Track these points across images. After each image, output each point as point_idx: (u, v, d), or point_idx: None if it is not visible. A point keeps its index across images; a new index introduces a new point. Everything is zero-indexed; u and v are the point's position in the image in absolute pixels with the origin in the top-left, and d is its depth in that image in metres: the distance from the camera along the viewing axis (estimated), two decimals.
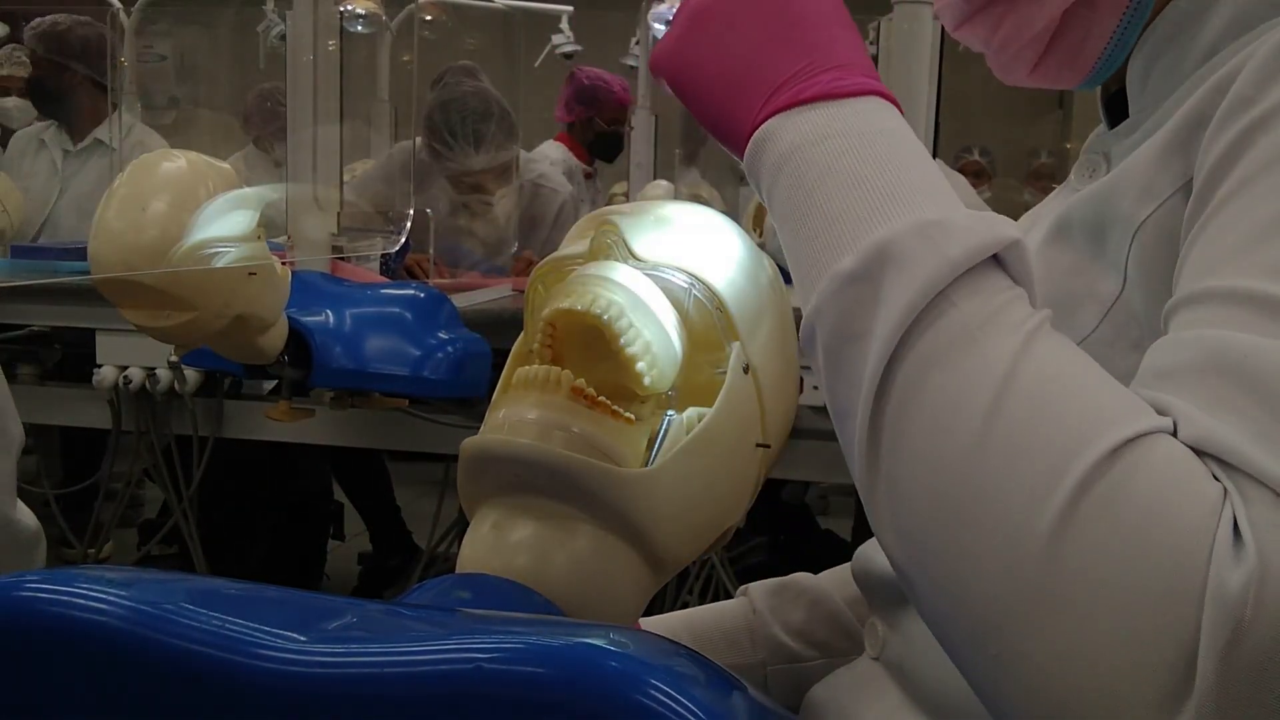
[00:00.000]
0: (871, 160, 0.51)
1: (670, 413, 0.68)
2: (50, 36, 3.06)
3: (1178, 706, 0.39)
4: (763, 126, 0.54)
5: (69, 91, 3.08)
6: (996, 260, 0.48)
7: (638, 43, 3.50)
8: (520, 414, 0.65)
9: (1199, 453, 0.43)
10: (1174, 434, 0.44)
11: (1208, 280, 0.48)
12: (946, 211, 0.48)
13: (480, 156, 2.57)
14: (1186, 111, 0.54)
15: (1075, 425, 0.43)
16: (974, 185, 4.12)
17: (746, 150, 0.55)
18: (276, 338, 1.32)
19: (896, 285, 0.46)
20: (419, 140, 2.61)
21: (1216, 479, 0.42)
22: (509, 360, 0.74)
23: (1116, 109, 0.67)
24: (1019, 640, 0.42)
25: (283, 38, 2.38)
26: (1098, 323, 0.57)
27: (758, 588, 0.86)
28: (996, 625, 0.43)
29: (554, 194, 2.87)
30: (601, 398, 0.66)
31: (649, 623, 0.83)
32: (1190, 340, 0.46)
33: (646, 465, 0.66)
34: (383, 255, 2.12)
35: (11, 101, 3.40)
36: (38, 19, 3.08)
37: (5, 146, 3.50)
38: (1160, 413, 0.45)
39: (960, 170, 4.14)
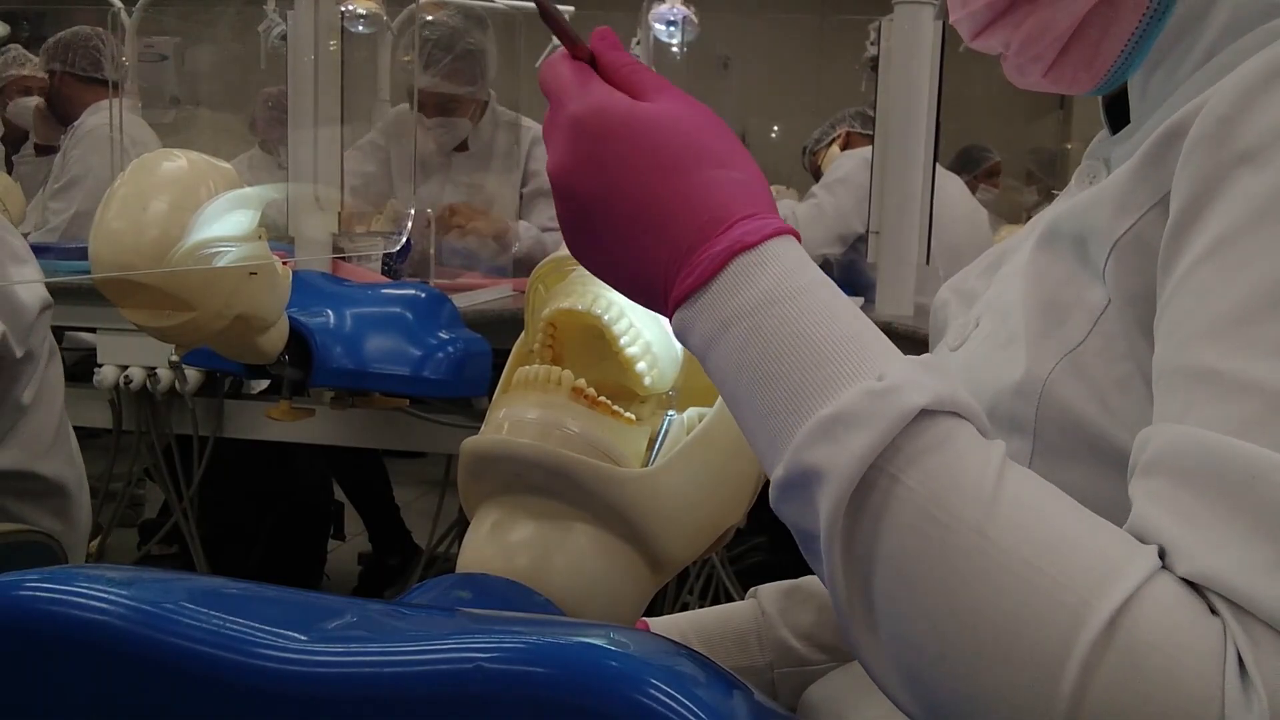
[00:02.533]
0: (771, 340, 0.49)
1: (671, 413, 0.68)
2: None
3: None
4: (674, 320, 0.52)
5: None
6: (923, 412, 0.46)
7: (638, 43, 3.50)
8: (520, 414, 0.65)
9: (1196, 586, 0.42)
10: (1163, 563, 0.43)
11: (1196, 352, 0.47)
12: (846, 394, 0.46)
13: (427, 75, 2.62)
14: (1166, 127, 0.54)
15: (1066, 598, 0.42)
16: (991, 186, 4.12)
17: (671, 325, 0.53)
18: (277, 338, 1.32)
19: (822, 497, 0.46)
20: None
21: (1215, 611, 0.42)
22: (509, 360, 0.74)
23: (1118, 114, 0.67)
24: None
25: (284, 38, 2.39)
26: (1087, 333, 0.56)
27: (767, 590, 0.86)
28: None
29: (526, 130, 2.91)
30: (602, 398, 0.66)
31: (656, 623, 0.83)
32: (1189, 442, 0.45)
33: (647, 465, 0.66)
34: (384, 255, 2.12)
35: (33, 101, 3.41)
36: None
37: (18, 149, 3.51)
38: (1146, 537, 0.44)
39: (987, 172, 4.14)
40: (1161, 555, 0.43)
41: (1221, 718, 0.39)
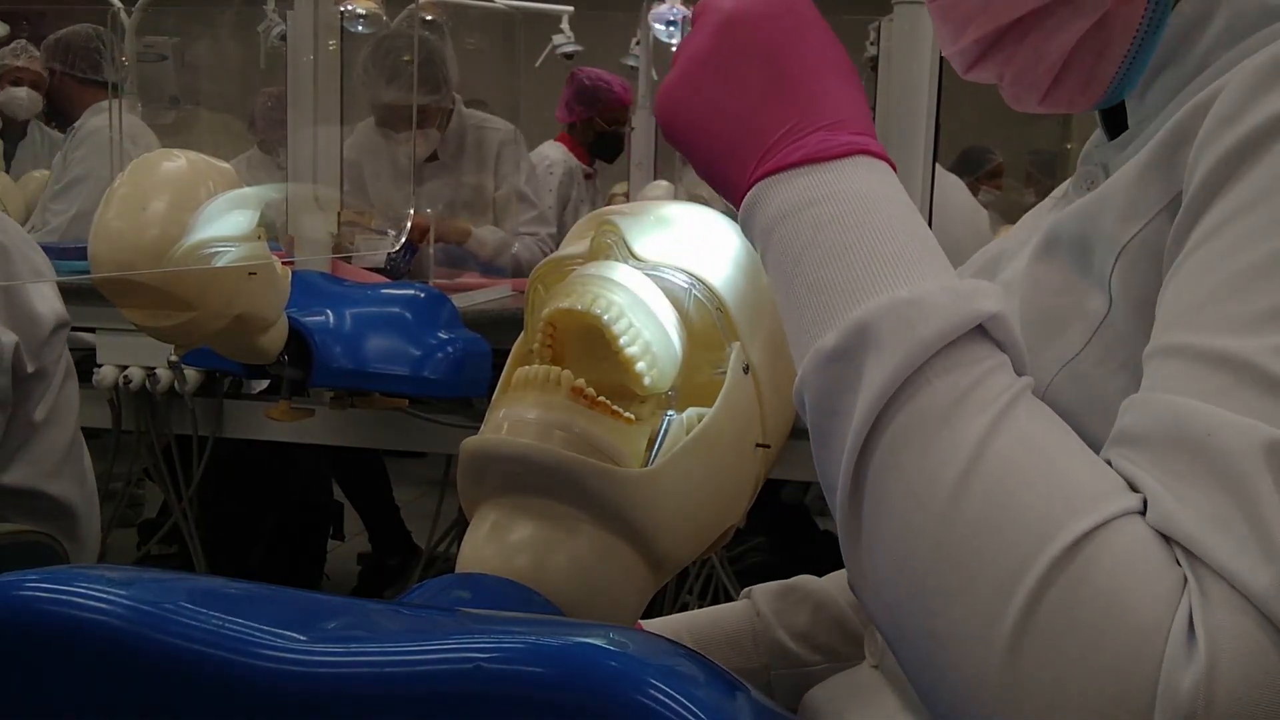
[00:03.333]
0: (854, 228, 0.51)
1: (670, 413, 0.68)
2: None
3: None
4: (751, 191, 0.54)
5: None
6: (979, 328, 0.48)
7: (638, 43, 3.50)
8: (520, 414, 0.65)
9: (1166, 537, 0.43)
10: (1144, 511, 0.44)
11: (1180, 331, 0.48)
12: (925, 286, 0.49)
13: (390, 90, 2.62)
14: (1171, 129, 0.54)
15: (1040, 514, 0.43)
16: (993, 187, 4.12)
17: (740, 212, 0.56)
18: (276, 338, 1.32)
19: (874, 366, 0.47)
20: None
21: (1180, 564, 0.42)
22: (509, 360, 0.74)
23: (1114, 119, 0.67)
24: None
25: (284, 38, 2.39)
26: (1085, 342, 0.56)
27: (762, 590, 0.86)
28: (962, 714, 0.44)
29: (494, 132, 2.91)
30: (601, 398, 0.66)
31: (650, 624, 0.83)
32: (1158, 406, 0.46)
33: (646, 465, 0.66)
34: (389, 255, 2.12)
35: (23, 92, 3.41)
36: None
37: (5, 139, 3.52)
38: (1132, 486, 0.45)
39: (989, 173, 4.14)
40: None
41: (1160, 665, 0.40)
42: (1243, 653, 0.40)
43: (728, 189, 0.57)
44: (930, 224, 2.21)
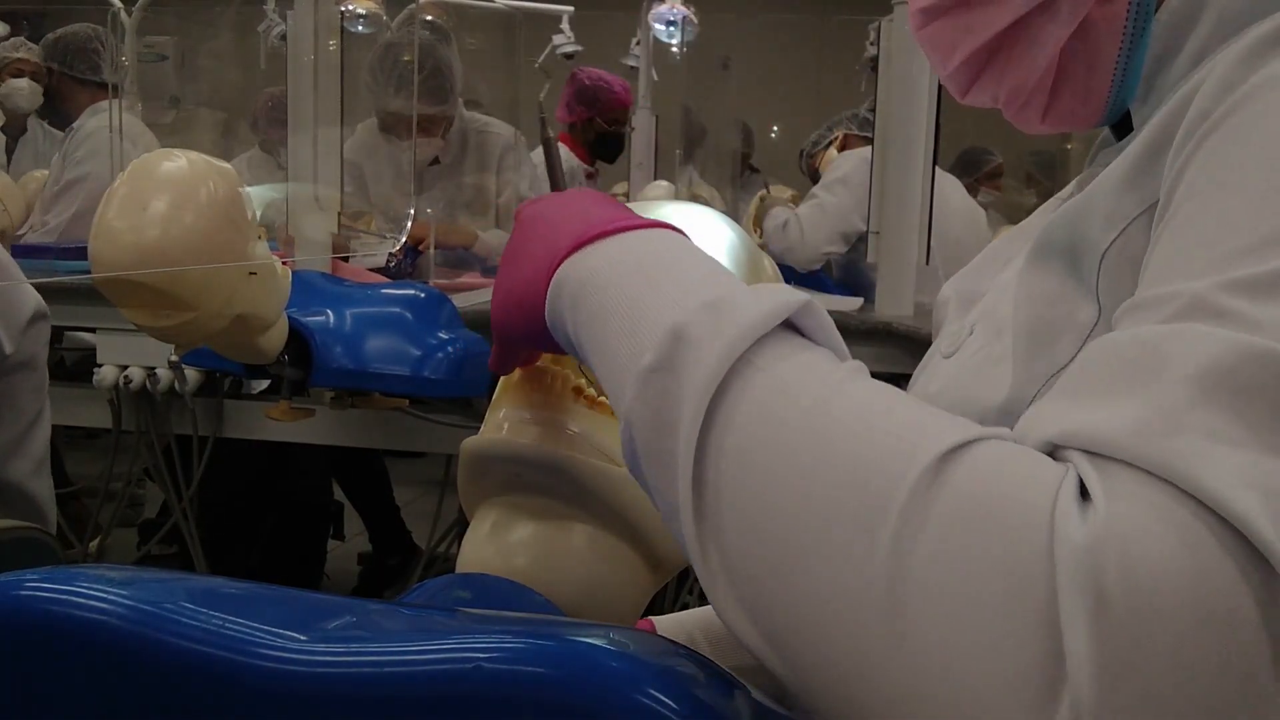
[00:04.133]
0: (657, 266, 0.52)
1: None
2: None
3: (1054, 700, 0.36)
4: (550, 286, 0.56)
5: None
6: (792, 327, 0.48)
7: (638, 43, 3.50)
8: (520, 414, 0.65)
9: (1053, 454, 0.41)
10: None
11: (1135, 297, 0.47)
12: (731, 290, 0.49)
13: (397, 99, 2.64)
14: (1151, 129, 0.53)
15: (896, 446, 0.41)
16: (993, 188, 4.12)
17: (546, 314, 0.56)
18: (276, 338, 1.32)
19: (695, 363, 0.46)
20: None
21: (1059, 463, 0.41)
22: None
23: (1126, 125, 0.66)
24: (883, 680, 0.40)
25: (284, 38, 2.39)
26: (1074, 353, 0.55)
27: None
28: (858, 672, 0.41)
29: (497, 136, 2.92)
30: (602, 398, 0.66)
31: (661, 622, 0.83)
32: (1090, 346, 0.45)
33: None
34: (392, 256, 2.12)
35: (24, 83, 3.41)
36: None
37: (5, 135, 3.52)
38: (1024, 432, 0.43)
39: (988, 174, 4.14)
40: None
41: (1050, 526, 0.38)
42: (1138, 498, 0.38)
43: (534, 307, 0.57)
44: (930, 224, 2.20)
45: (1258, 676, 0.36)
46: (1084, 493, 0.39)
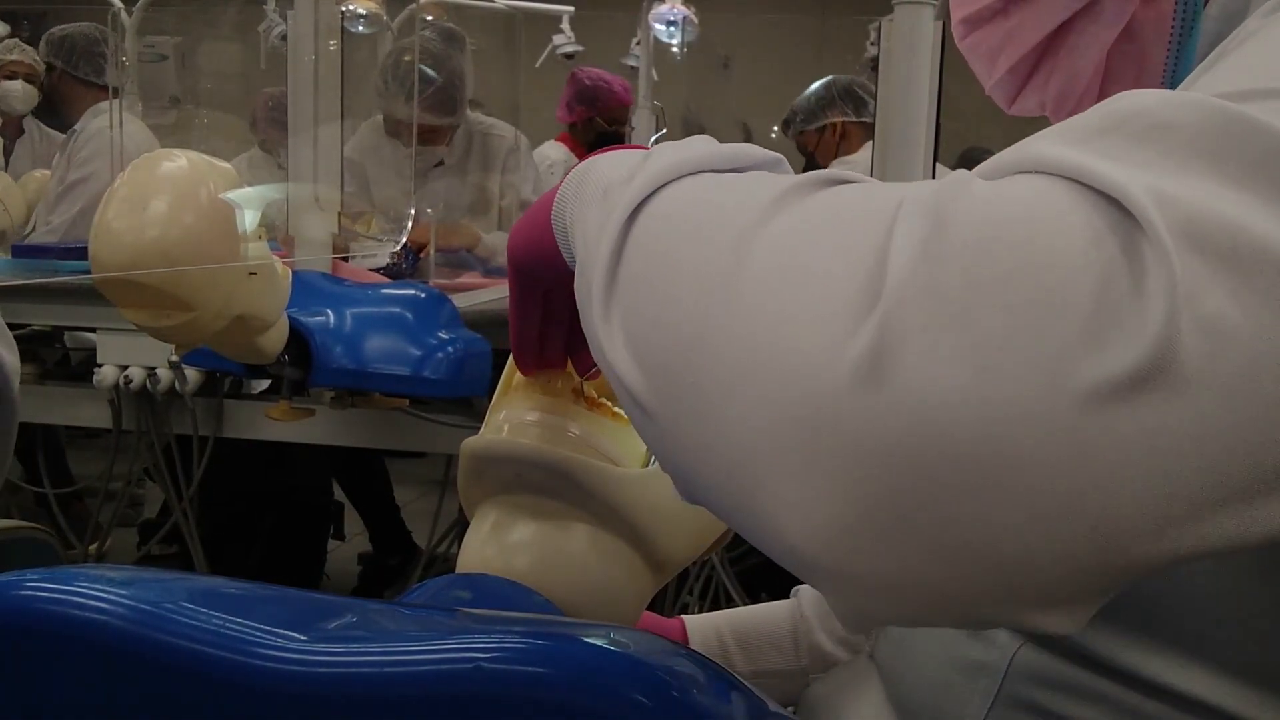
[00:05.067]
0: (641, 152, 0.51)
1: None
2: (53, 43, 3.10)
3: (865, 318, 0.35)
4: (559, 190, 0.55)
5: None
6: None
7: (638, 43, 3.50)
8: (520, 416, 0.66)
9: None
10: None
11: None
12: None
13: (406, 108, 2.64)
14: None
15: (774, 183, 0.41)
16: None
17: (553, 208, 0.55)
18: (276, 338, 1.32)
19: (649, 164, 0.46)
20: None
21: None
22: (509, 362, 0.74)
23: None
24: (720, 340, 0.38)
25: (284, 38, 2.39)
26: None
27: (808, 591, 0.84)
28: (699, 346, 0.39)
29: (501, 139, 2.93)
30: (602, 399, 0.66)
31: (692, 621, 0.83)
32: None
33: (648, 466, 0.66)
34: (393, 255, 2.12)
35: (18, 85, 3.41)
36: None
37: (3, 137, 3.52)
38: None
39: None
40: None
41: (899, 202, 0.37)
42: (1014, 182, 0.36)
43: (544, 221, 0.56)
44: None
45: (1070, 317, 0.33)
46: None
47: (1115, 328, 0.33)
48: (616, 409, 0.66)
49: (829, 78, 3.10)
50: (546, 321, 0.63)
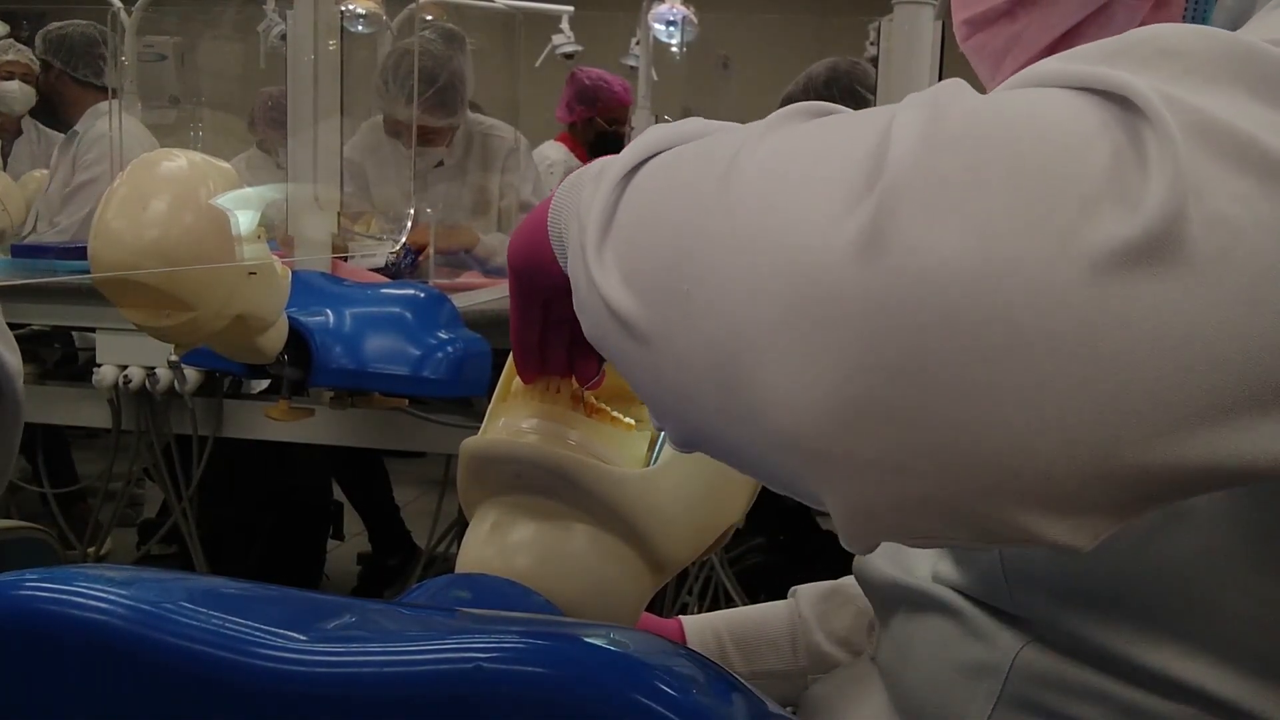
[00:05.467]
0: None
1: None
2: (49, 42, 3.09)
3: (865, 193, 0.34)
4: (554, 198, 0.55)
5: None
6: None
7: (638, 43, 3.50)
8: (519, 423, 0.66)
9: None
10: None
11: None
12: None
13: (407, 109, 2.64)
14: None
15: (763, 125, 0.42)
16: None
17: (549, 216, 0.55)
18: (276, 337, 1.32)
19: (644, 135, 0.47)
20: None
21: None
22: (508, 364, 0.74)
23: None
24: (718, 250, 0.38)
25: (283, 37, 2.39)
26: None
27: (806, 591, 0.85)
28: (700, 260, 0.38)
29: (501, 139, 2.93)
30: (602, 406, 0.66)
31: (690, 622, 0.83)
32: None
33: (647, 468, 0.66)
34: (392, 255, 2.12)
35: (14, 85, 3.41)
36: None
37: (11, 141, 3.52)
38: None
39: None
40: None
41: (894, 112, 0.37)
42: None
43: (540, 228, 0.57)
44: None
45: (1076, 188, 0.32)
46: None
47: (1120, 199, 0.32)
48: (616, 414, 0.66)
49: (829, 67, 3.03)
50: (548, 328, 0.63)
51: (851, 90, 2.98)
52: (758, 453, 0.38)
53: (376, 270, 2.03)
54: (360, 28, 2.85)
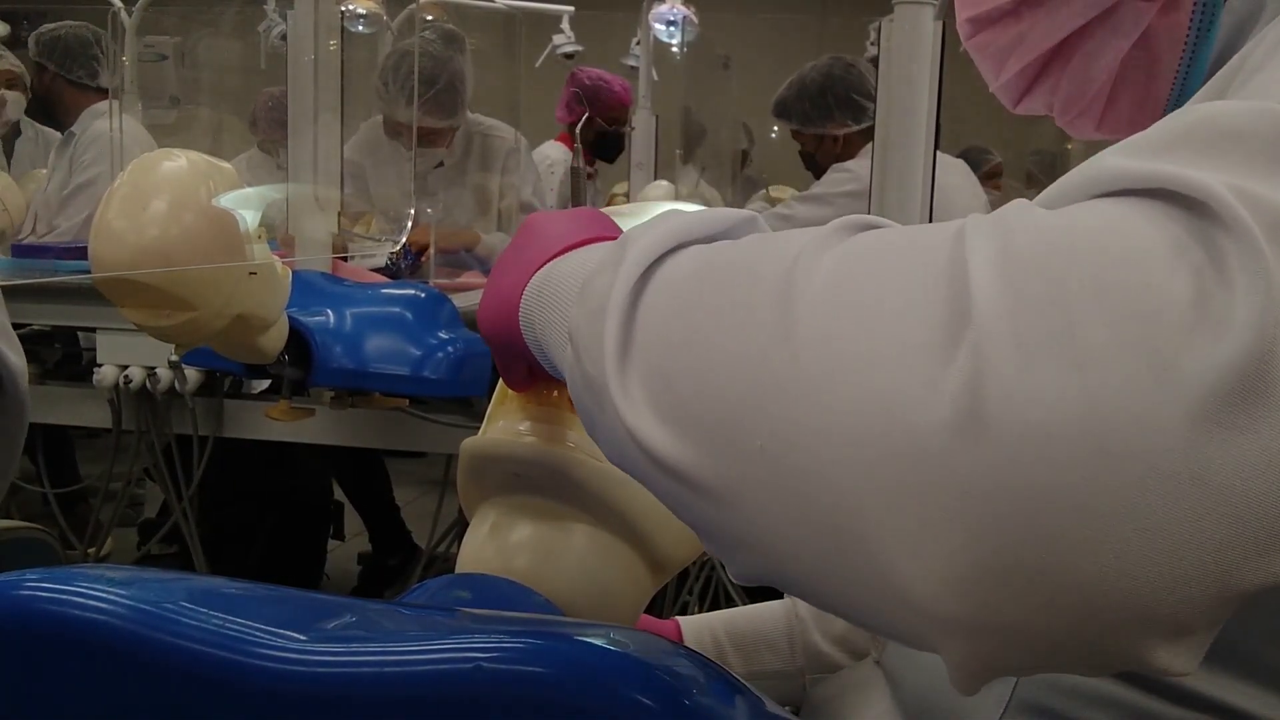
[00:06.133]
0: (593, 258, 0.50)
1: None
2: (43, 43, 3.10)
3: (955, 346, 0.33)
4: (526, 286, 0.55)
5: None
6: None
7: (638, 43, 3.50)
8: (518, 422, 0.66)
9: None
10: None
11: None
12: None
13: (407, 110, 2.64)
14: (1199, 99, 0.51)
15: (798, 240, 0.40)
16: (992, 187, 4.11)
17: (520, 308, 0.55)
18: (276, 337, 1.32)
19: (633, 251, 0.44)
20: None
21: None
22: None
23: None
24: (785, 402, 0.36)
25: (284, 37, 2.39)
26: None
27: None
28: (761, 404, 0.37)
29: (501, 140, 2.93)
30: None
31: (687, 622, 0.83)
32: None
33: None
34: (392, 255, 2.12)
35: (12, 95, 3.40)
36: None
37: (11, 142, 3.52)
38: None
39: (987, 173, 4.13)
40: None
41: (959, 235, 0.36)
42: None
43: (511, 315, 0.56)
44: (931, 216, 2.20)
45: (1167, 316, 0.32)
46: None
47: (1214, 321, 0.31)
48: None
49: (824, 74, 3.00)
50: (534, 374, 0.63)
51: (848, 99, 2.97)
52: (866, 608, 0.37)
53: (377, 270, 2.03)
54: (360, 28, 2.85)
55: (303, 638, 0.48)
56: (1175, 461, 0.31)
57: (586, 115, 3.71)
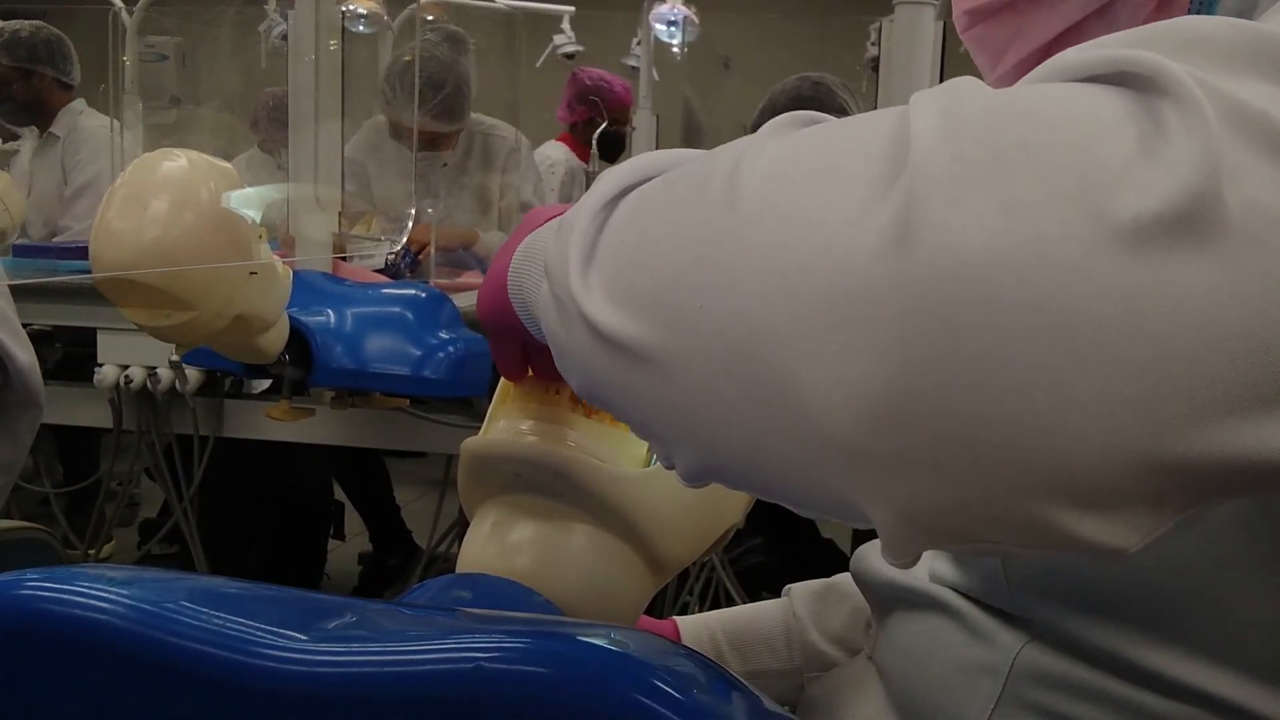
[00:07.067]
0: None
1: None
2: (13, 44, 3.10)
3: (891, 181, 0.33)
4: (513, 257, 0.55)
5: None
6: None
7: (639, 43, 3.50)
8: (519, 422, 0.66)
9: None
10: None
11: None
12: None
13: (411, 114, 2.65)
14: None
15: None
16: None
17: (509, 280, 0.55)
18: (277, 337, 1.32)
19: (603, 178, 0.45)
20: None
21: None
22: None
23: None
24: (727, 255, 0.37)
25: (284, 37, 2.39)
26: None
27: (800, 590, 0.84)
28: (707, 272, 0.37)
29: (502, 140, 2.93)
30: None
31: (685, 622, 0.83)
32: None
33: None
34: (391, 256, 2.12)
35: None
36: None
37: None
38: None
39: None
40: None
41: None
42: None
43: (501, 290, 0.57)
44: None
45: (1103, 171, 0.31)
46: None
47: (1149, 170, 0.31)
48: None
49: (792, 96, 2.98)
50: (530, 354, 0.64)
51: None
52: (791, 464, 0.36)
53: (377, 270, 2.03)
54: (361, 28, 2.85)
55: (303, 637, 0.48)
56: (1104, 301, 0.30)
57: (595, 118, 3.71)
